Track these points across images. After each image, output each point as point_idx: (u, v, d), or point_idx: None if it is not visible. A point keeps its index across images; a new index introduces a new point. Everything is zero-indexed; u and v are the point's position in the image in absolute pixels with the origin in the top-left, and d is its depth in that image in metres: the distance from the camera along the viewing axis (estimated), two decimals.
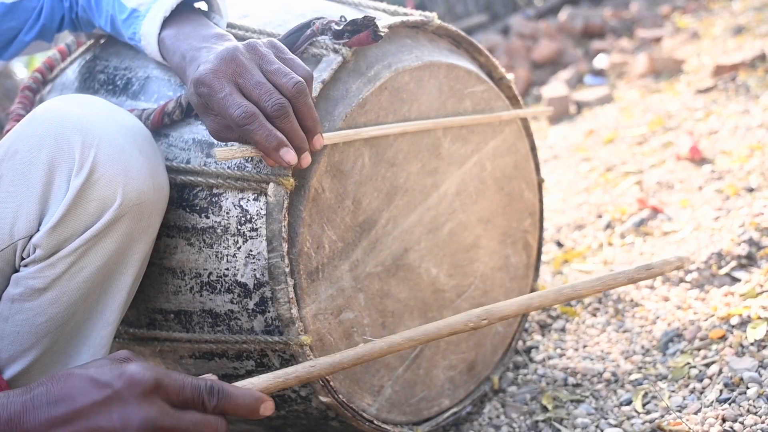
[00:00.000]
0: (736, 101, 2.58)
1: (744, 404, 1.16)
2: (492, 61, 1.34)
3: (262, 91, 0.93)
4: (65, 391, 0.69)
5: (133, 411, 0.68)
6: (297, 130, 0.95)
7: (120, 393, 0.68)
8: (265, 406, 0.76)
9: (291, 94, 0.94)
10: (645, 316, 1.53)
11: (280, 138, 0.93)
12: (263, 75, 0.95)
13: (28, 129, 0.96)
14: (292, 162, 0.95)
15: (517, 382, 1.45)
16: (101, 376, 0.69)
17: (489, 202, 1.33)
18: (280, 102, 0.93)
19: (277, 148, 0.93)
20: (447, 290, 1.28)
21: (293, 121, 0.95)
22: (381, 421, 1.19)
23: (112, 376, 0.69)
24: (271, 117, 0.93)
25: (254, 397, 0.76)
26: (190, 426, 0.71)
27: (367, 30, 1.07)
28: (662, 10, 4.89)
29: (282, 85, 0.94)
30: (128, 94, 1.19)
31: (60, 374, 0.71)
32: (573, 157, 2.68)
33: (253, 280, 1.05)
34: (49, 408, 0.68)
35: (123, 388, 0.68)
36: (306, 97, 0.95)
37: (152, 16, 1.08)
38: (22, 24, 1.21)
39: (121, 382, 0.69)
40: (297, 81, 0.94)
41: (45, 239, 0.95)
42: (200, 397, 0.72)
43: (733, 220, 1.70)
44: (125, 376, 0.69)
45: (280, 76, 0.94)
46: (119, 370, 0.70)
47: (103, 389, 0.68)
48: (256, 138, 0.93)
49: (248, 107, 0.92)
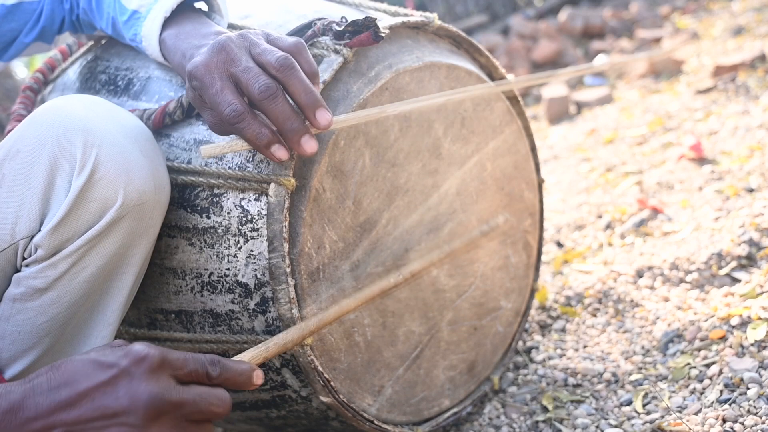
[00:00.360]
0: (736, 102, 2.58)
1: (744, 405, 1.16)
2: (492, 61, 1.34)
3: (250, 75, 0.91)
4: (68, 376, 0.69)
5: (140, 387, 0.68)
6: (288, 112, 0.92)
7: (127, 370, 0.69)
8: (257, 374, 0.79)
9: (276, 70, 0.91)
10: (645, 316, 1.53)
11: (270, 136, 0.92)
12: (252, 59, 0.93)
13: (29, 129, 0.96)
14: (283, 159, 0.94)
15: (517, 383, 1.45)
16: (104, 358, 0.70)
17: (489, 202, 1.33)
18: (265, 83, 0.90)
19: (267, 145, 0.93)
20: (447, 290, 1.28)
21: (282, 103, 0.91)
22: (381, 421, 1.19)
23: (117, 356, 0.70)
24: (258, 101, 0.91)
25: (249, 367, 0.78)
26: (197, 398, 0.72)
27: (368, 31, 1.07)
28: (662, 10, 4.89)
29: (266, 63, 0.92)
30: (129, 94, 1.19)
31: (59, 362, 0.71)
32: (573, 158, 2.68)
33: (254, 280, 1.05)
34: (51, 393, 0.68)
35: (130, 365, 0.69)
36: (293, 70, 0.91)
37: (153, 18, 1.08)
38: (22, 26, 1.21)
39: (127, 360, 0.69)
40: (279, 55, 0.91)
41: (46, 239, 0.95)
42: (204, 369, 0.74)
43: (733, 221, 1.70)
44: (131, 354, 0.70)
45: (265, 55, 0.92)
46: (123, 350, 0.71)
47: (109, 369, 0.69)
48: (246, 136, 0.93)
49: (236, 105, 0.91)
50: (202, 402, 0.72)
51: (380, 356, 1.18)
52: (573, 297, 1.69)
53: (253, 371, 0.79)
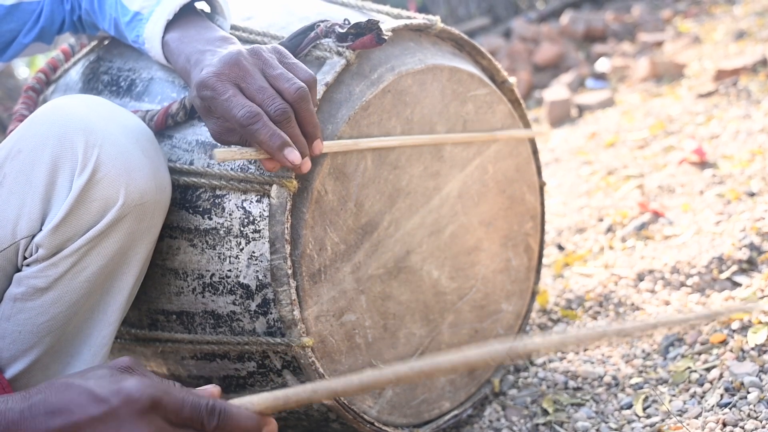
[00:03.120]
0: (738, 106, 2.58)
1: (745, 409, 1.16)
2: (494, 64, 1.34)
3: (265, 95, 0.93)
4: (63, 403, 0.67)
5: (130, 429, 0.66)
6: (298, 135, 0.96)
7: (116, 411, 0.66)
8: (267, 430, 0.74)
9: (293, 99, 0.94)
10: (646, 320, 1.53)
11: (285, 137, 0.93)
12: (266, 80, 0.95)
13: (31, 129, 0.96)
14: (296, 162, 0.95)
15: (517, 385, 1.45)
16: (99, 390, 0.68)
17: (490, 205, 1.33)
18: (282, 107, 0.93)
19: (281, 147, 0.93)
20: (448, 293, 1.28)
21: (295, 126, 0.95)
22: (382, 423, 1.19)
23: (110, 391, 0.67)
24: (273, 122, 0.93)
25: (256, 420, 0.73)
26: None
27: (371, 33, 1.07)
28: (664, 14, 4.89)
29: (284, 90, 0.94)
30: (132, 95, 1.19)
31: (59, 383, 0.69)
32: (574, 161, 2.68)
33: (255, 281, 1.05)
34: (46, 419, 0.66)
35: (119, 405, 0.66)
36: (308, 102, 0.95)
37: (155, 20, 1.08)
38: (21, 26, 1.20)
39: (117, 399, 0.67)
40: (299, 86, 0.94)
41: (47, 239, 0.95)
42: (200, 417, 0.70)
43: (734, 225, 1.70)
44: (122, 394, 0.67)
45: (282, 81, 0.95)
46: (117, 386, 0.68)
47: (100, 405, 0.67)
48: (260, 138, 0.93)
49: (252, 107, 0.92)
50: None
51: (381, 358, 1.18)
52: (574, 300, 1.69)
53: (262, 427, 0.73)
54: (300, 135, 0.96)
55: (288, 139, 0.94)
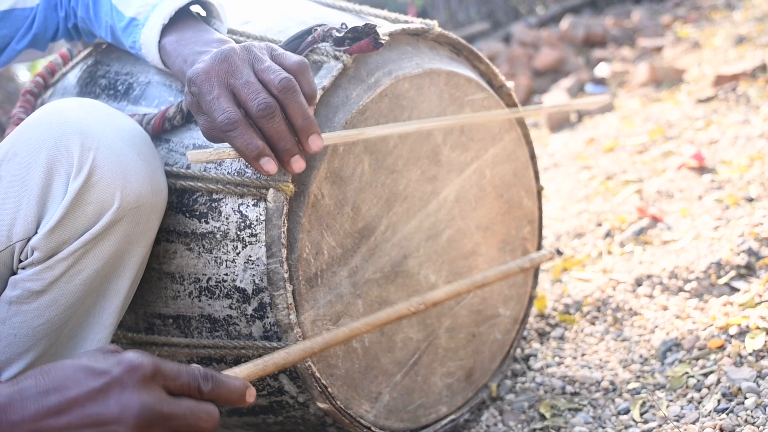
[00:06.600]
0: (737, 111, 2.59)
1: (742, 414, 1.16)
2: (492, 69, 1.34)
3: (250, 90, 0.92)
4: (58, 381, 0.67)
5: (132, 397, 0.67)
6: (283, 132, 0.93)
7: (119, 379, 0.67)
8: (249, 392, 0.78)
9: (278, 90, 0.92)
10: (644, 325, 1.53)
11: (261, 147, 0.92)
12: (254, 74, 0.94)
13: (27, 132, 0.96)
14: (271, 172, 0.93)
15: (515, 390, 1.45)
16: (96, 364, 0.69)
17: (488, 209, 1.33)
18: (265, 101, 0.91)
19: (257, 157, 0.92)
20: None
21: (279, 123, 0.92)
22: (379, 428, 1.19)
23: (110, 363, 0.69)
24: (256, 118, 0.91)
25: (242, 384, 0.77)
26: (186, 412, 0.71)
27: (368, 37, 1.07)
28: (663, 19, 4.90)
29: (269, 82, 0.92)
30: (129, 99, 1.20)
31: (49, 366, 0.70)
32: (573, 165, 2.68)
33: (251, 285, 1.05)
34: (39, 399, 0.66)
35: (122, 373, 0.68)
36: (294, 93, 0.92)
37: (151, 25, 1.08)
38: (13, 32, 1.20)
39: (120, 368, 0.68)
40: (283, 77, 0.92)
41: (43, 242, 0.95)
42: (196, 382, 0.73)
43: (732, 230, 1.70)
44: (124, 363, 0.68)
45: (268, 73, 0.93)
46: (116, 358, 0.69)
47: (101, 376, 0.67)
48: (236, 145, 0.92)
49: (231, 113, 0.91)
50: (191, 416, 0.71)
51: (378, 363, 1.18)
52: (572, 305, 1.69)
53: (246, 389, 0.78)
54: (286, 132, 0.93)
55: (264, 149, 0.92)
